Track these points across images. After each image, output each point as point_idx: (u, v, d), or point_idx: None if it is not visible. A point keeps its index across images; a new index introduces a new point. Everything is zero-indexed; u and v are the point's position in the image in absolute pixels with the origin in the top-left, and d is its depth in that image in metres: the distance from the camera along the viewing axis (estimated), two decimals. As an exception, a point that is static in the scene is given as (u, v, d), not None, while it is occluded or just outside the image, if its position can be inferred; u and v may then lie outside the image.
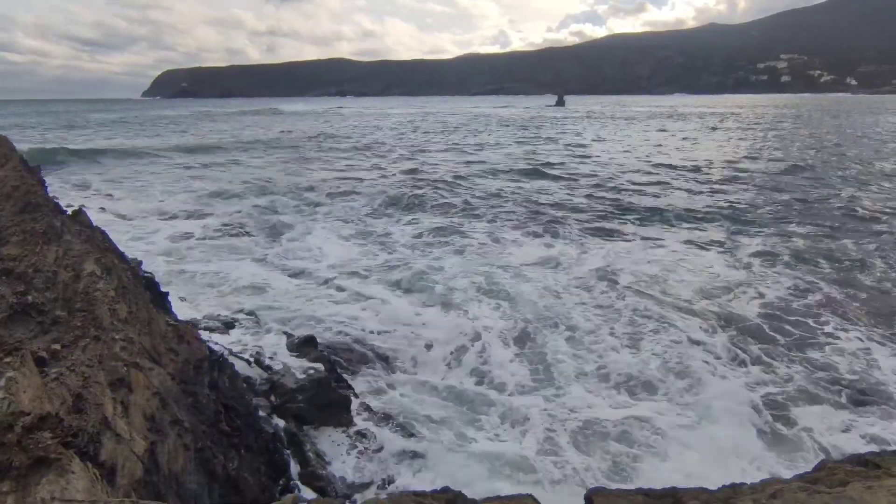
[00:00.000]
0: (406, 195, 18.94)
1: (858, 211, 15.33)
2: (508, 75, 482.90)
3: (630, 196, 18.40)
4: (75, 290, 3.28)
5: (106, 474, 2.31)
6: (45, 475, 1.63)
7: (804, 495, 1.90)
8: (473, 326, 8.04)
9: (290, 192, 19.49)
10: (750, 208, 16.10)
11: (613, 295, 9.33)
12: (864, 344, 7.51)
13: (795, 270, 10.52)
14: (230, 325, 7.29)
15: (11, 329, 2.70)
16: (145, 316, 3.80)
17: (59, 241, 3.60)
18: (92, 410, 2.50)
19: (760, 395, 6.25)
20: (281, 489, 4.29)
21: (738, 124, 54.98)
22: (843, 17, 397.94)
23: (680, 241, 12.75)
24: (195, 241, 13.03)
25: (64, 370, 2.56)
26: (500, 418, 5.98)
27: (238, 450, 3.91)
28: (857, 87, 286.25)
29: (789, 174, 22.29)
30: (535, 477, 4.99)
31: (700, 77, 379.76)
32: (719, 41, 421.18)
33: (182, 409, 3.46)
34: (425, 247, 12.61)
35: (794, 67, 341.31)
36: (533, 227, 14.23)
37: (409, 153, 33.09)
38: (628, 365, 6.95)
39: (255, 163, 28.58)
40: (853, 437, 5.45)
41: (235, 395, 4.51)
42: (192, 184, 21.60)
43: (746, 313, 8.56)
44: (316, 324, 8.18)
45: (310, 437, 5.29)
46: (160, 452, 2.92)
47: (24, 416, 1.81)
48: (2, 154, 4.41)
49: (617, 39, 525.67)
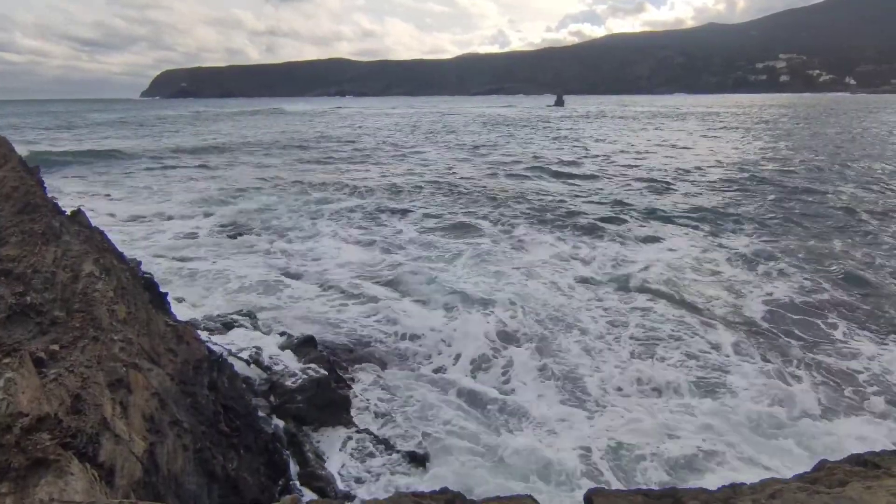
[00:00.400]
0: (412, 194, 18.98)
1: (859, 212, 15.32)
2: (508, 75, 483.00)
3: (636, 196, 18.40)
4: (74, 290, 3.27)
5: (105, 475, 2.31)
6: (43, 476, 1.63)
7: (804, 495, 1.90)
8: (480, 327, 8.02)
9: (296, 192, 19.49)
10: (759, 209, 16.10)
11: (626, 296, 9.34)
12: (874, 346, 7.49)
13: (803, 271, 10.49)
14: (229, 326, 7.29)
15: (10, 330, 2.69)
16: (144, 316, 3.79)
17: (57, 241, 3.60)
18: (91, 411, 2.49)
19: (776, 393, 6.24)
20: (280, 489, 4.28)
21: (740, 124, 54.93)
22: (842, 17, 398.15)
23: (687, 241, 12.76)
24: (198, 240, 13.03)
25: (63, 371, 2.56)
26: (503, 417, 5.97)
27: (237, 450, 3.91)
28: (856, 86, 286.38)
29: (794, 174, 22.32)
30: (540, 476, 4.98)
31: (699, 77, 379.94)
32: (718, 41, 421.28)
33: (181, 410, 3.46)
34: (431, 247, 12.56)
35: (792, 67, 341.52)
36: (542, 227, 14.24)
37: (414, 153, 33.12)
38: (643, 369, 6.91)
39: (261, 163, 28.48)
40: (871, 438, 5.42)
41: (235, 395, 4.51)
42: (195, 185, 21.59)
43: (756, 314, 8.56)
44: (316, 324, 8.17)
45: (309, 437, 5.29)
46: (159, 453, 2.92)
47: (23, 418, 1.81)
48: (1, 155, 4.41)
49: (616, 39, 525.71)
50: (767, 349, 7.44)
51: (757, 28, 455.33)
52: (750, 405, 6.01)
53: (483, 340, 7.66)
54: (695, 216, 15.17)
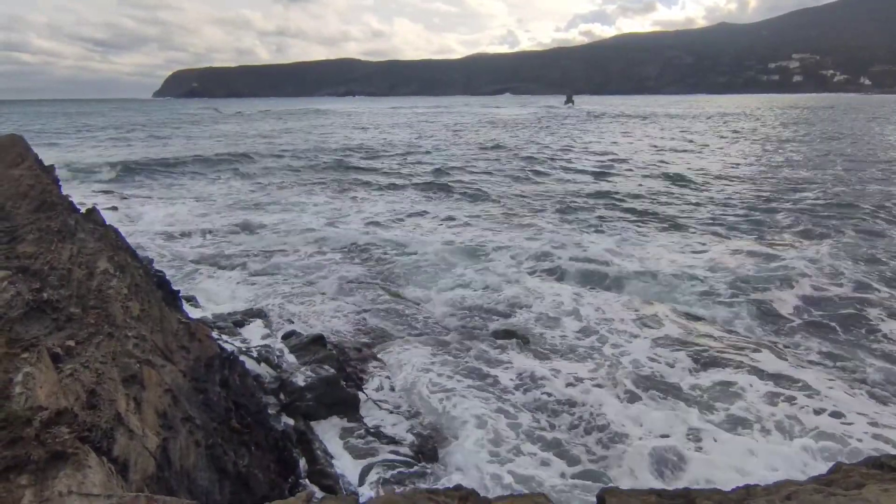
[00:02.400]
0: (452, 194, 19.04)
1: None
2: (516, 75, 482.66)
3: (667, 197, 18.33)
4: (89, 287, 3.32)
5: (119, 469, 2.34)
6: (62, 469, 1.65)
7: (819, 497, 1.88)
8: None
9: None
10: (791, 208, 15.95)
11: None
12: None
13: (842, 268, 10.34)
14: (240, 324, 7.34)
15: (28, 325, 2.73)
16: (157, 314, 3.84)
17: (73, 239, 3.65)
18: (105, 406, 2.52)
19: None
20: (290, 486, 4.31)
21: (761, 125, 54.06)
22: (855, 17, 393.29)
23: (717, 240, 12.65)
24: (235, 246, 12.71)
25: (78, 366, 2.59)
26: (513, 416, 5.96)
27: (248, 447, 3.93)
28: (871, 86, 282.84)
29: (820, 174, 22.04)
30: (545, 478, 4.97)
31: (708, 77, 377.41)
32: (729, 41, 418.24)
33: (193, 407, 3.49)
34: (465, 254, 12.05)
35: (806, 67, 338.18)
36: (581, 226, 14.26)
37: (447, 152, 32.77)
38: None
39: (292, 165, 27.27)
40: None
41: (245, 392, 4.54)
42: (232, 187, 21.27)
43: (797, 312, 8.53)
44: (325, 322, 8.21)
45: (318, 435, 5.32)
46: (172, 449, 2.95)
47: (42, 411, 1.84)
48: (17, 154, 4.48)
49: (625, 39, 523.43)
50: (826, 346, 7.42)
51: (768, 28, 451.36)
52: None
53: (496, 342, 7.67)
54: (731, 216, 15.01)
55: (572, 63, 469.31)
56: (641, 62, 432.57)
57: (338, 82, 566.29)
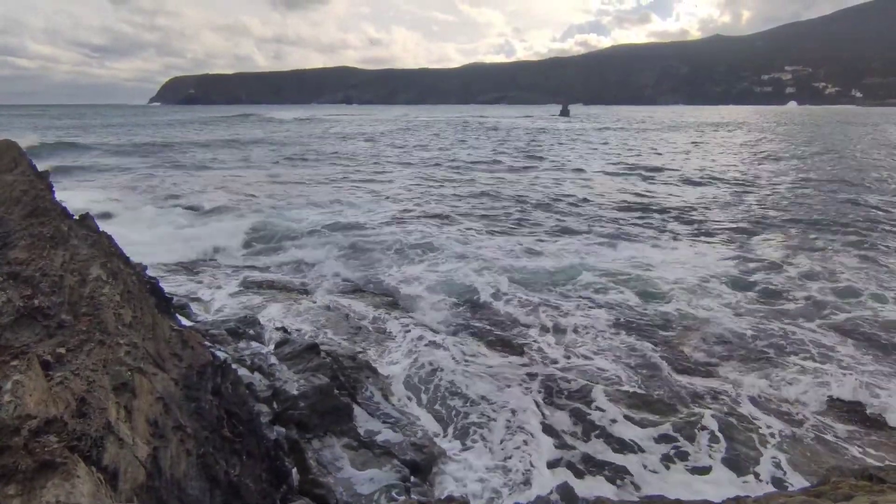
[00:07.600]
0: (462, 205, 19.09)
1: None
2: (512, 84, 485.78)
3: (674, 203, 18.52)
4: (81, 294, 3.30)
5: (109, 479, 2.31)
6: (50, 479, 1.64)
7: (809, 509, 1.88)
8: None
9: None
10: (797, 217, 16.15)
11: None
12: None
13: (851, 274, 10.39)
14: (234, 332, 7.30)
15: (18, 333, 2.72)
16: (150, 321, 3.82)
17: (65, 245, 3.63)
18: (95, 415, 2.51)
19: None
20: (282, 496, 4.27)
21: (760, 136, 54.40)
22: (849, 29, 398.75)
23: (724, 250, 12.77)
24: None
25: (68, 374, 2.58)
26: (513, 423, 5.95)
27: (240, 456, 3.90)
28: (863, 99, 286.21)
29: (821, 185, 22.25)
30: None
31: (703, 87, 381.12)
32: (723, 52, 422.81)
33: (185, 415, 3.46)
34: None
35: (799, 79, 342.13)
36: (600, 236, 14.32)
37: (445, 157, 33.31)
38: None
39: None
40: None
41: (238, 401, 4.51)
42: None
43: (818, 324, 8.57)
44: (319, 330, 8.18)
45: (311, 444, 5.28)
46: (163, 457, 2.92)
47: (31, 420, 1.83)
48: (10, 158, 4.47)
49: (621, 49, 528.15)
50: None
51: (762, 39, 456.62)
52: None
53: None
54: (735, 226, 15.11)
55: (569, 72, 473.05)
56: (638, 72, 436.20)
57: (336, 89, 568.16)
